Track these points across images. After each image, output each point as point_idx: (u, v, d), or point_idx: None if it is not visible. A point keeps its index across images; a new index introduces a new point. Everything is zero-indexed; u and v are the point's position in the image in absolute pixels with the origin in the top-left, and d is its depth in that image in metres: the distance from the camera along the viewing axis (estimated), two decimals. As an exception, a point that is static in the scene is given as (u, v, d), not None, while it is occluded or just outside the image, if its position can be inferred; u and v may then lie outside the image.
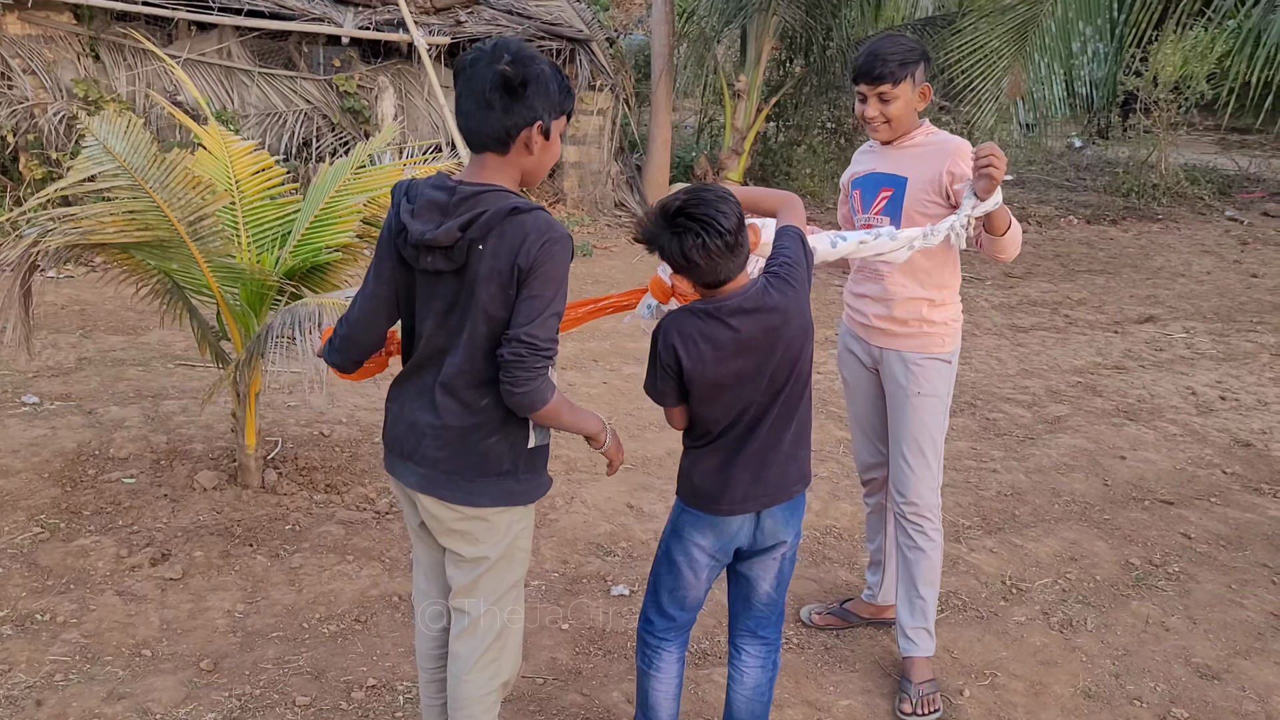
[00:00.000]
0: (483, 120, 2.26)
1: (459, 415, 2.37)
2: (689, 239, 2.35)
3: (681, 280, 2.51)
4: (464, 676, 2.58)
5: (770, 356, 2.49)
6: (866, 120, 3.21)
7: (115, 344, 6.39)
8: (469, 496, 2.42)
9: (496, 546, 2.47)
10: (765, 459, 2.56)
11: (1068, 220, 12.10)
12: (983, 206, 2.97)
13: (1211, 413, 6.24)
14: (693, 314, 2.47)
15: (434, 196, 2.30)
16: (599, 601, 3.86)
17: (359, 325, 2.51)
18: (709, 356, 2.44)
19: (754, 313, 2.45)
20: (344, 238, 4.27)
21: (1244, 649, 3.77)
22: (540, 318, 2.23)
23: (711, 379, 2.46)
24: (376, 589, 3.87)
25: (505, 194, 2.27)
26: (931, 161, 3.15)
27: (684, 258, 2.37)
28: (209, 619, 3.62)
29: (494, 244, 2.23)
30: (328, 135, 9.55)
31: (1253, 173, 15.45)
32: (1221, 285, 9.45)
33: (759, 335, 2.46)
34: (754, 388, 2.49)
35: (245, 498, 4.44)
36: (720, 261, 2.38)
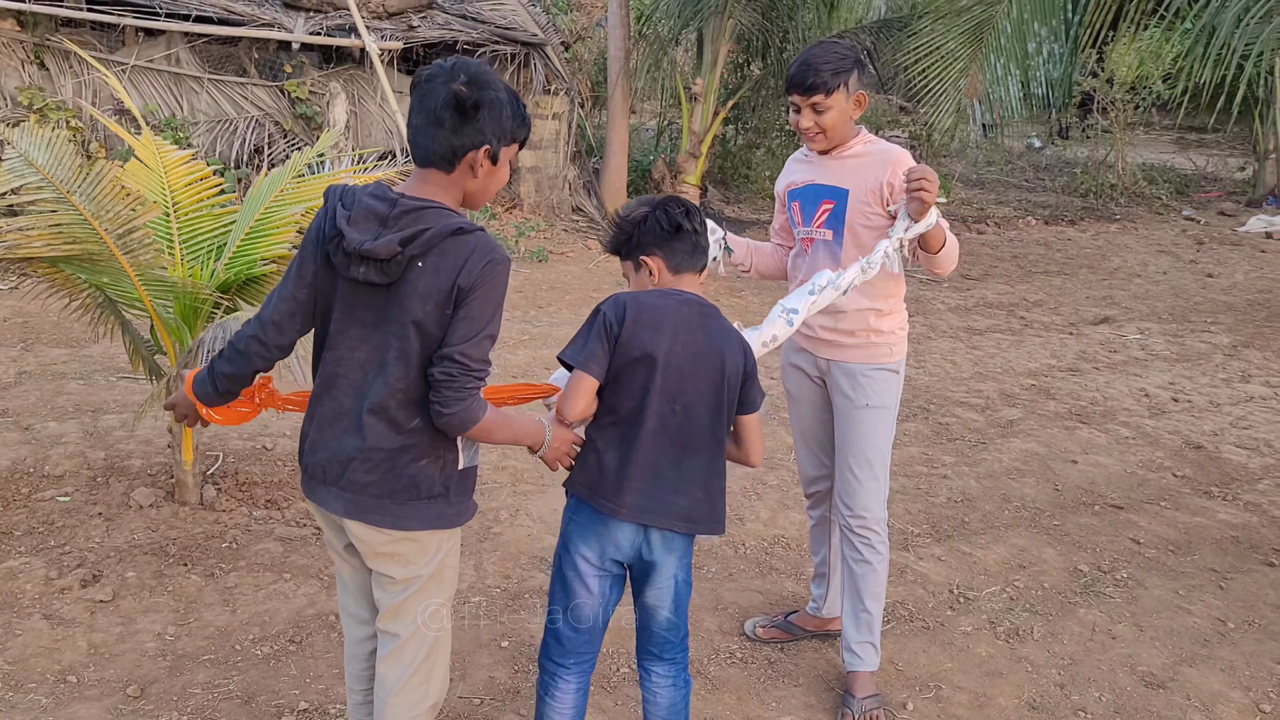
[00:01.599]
0: (430, 136, 2.24)
1: (387, 437, 2.31)
2: (674, 206, 2.56)
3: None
4: (390, 700, 2.51)
5: (704, 360, 2.51)
6: (801, 131, 3.15)
7: (57, 357, 6.26)
8: (399, 520, 2.36)
9: (426, 566, 2.42)
10: (658, 470, 2.51)
11: (1026, 221, 12.15)
12: (916, 228, 2.95)
13: (1164, 415, 6.26)
14: (650, 292, 2.56)
15: (373, 206, 2.25)
16: (540, 618, 3.79)
17: (270, 326, 2.39)
18: (647, 323, 2.47)
19: (702, 316, 2.54)
20: (280, 249, 4.18)
21: (1190, 656, 3.76)
22: (475, 338, 2.21)
23: (639, 349, 2.46)
24: (313, 608, 3.78)
25: (448, 213, 2.24)
26: (871, 172, 3.11)
27: (671, 225, 2.53)
28: (138, 642, 3.53)
29: (435, 261, 2.19)
30: (280, 142, 9.44)
31: (1209, 172, 15.61)
32: (1177, 285, 9.51)
33: (695, 336, 2.51)
34: (667, 381, 2.48)
35: (182, 515, 4.34)
36: (698, 237, 2.57)
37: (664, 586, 2.62)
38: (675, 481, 2.53)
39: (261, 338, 2.42)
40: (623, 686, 3.44)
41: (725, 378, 2.53)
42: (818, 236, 3.22)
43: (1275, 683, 3.62)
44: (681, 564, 2.62)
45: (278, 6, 9.47)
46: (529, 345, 6.96)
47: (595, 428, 2.56)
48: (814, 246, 3.25)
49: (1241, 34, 7.05)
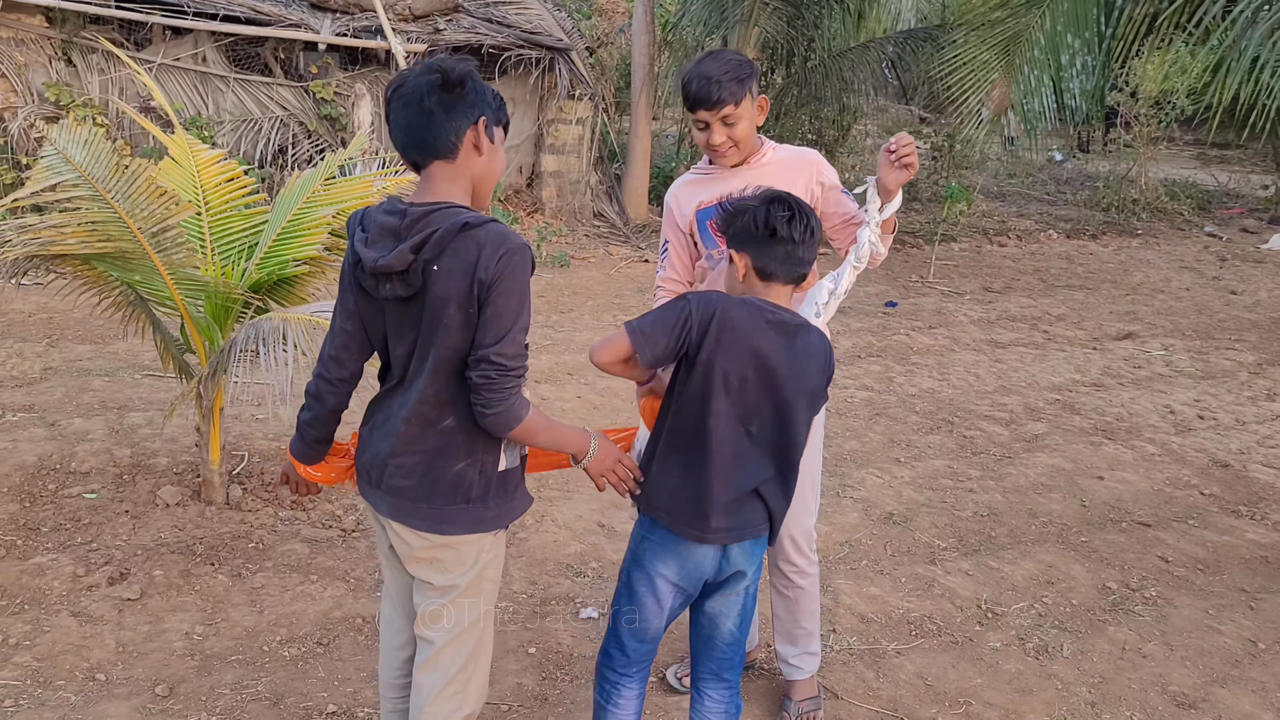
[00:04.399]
0: (425, 129, 2.20)
1: (420, 440, 2.31)
2: (778, 208, 2.39)
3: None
4: (426, 708, 2.50)
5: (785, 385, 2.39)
6: (713, 148, 2.97)
7: (82, 353, 6.27)
8: (437, 524, 2.35)
9: (465, 576, 2.40)
10: (739, 490, 2.42)
11: (1047, 234, 12.10)
12: (890, 207, 2.81)
13: (1190, 432, 6.21)
14: (742, 300, 2.40)
15: (386, 222, 2.24)
16: (567, 625, 3.78)
17: (330, 362, 2.45)
18: (729, 345, 2.33)
19: (787, 338, 2.39)
20: (311, 250, 4.18)
21: (1221, 677, 3.72)
22: (508, 335, 2.17)
23: (716, 371, 2.33)
24: (340, 610, 3.78)
25: (456, 210, 2.20)
26: (792, 176, 2.99)
27: (767, 225, 2.38)
28: (166, 641, 3.53)
29: (449, 263, 2.16)
30: (304, 142, 9.45)
31: (1231, 189, 15.52)
32: (1200, 302, 9.45)
33: (777, 361, 2.37)
34: (741, 406, 2.37)
35: (209, 514, 4.34)
36: (795, 247, 2.40)
37: (735, 597, 2.56)
38: (751, 495, 2.45)
39: (325, 375, 2.47)
40: (651, 697, 3.41)
41: (805, 400, 2.43)
42: None
43: (1308, 706, 3.58)
44: (755, 574, 2.57)
45: (304, 7, 9.50)
46: (551, 350, 6.95)
47: (669, 448, 2.45)
48: None
49: (1272, 51, 7.01)
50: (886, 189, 2.79)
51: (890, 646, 3.78)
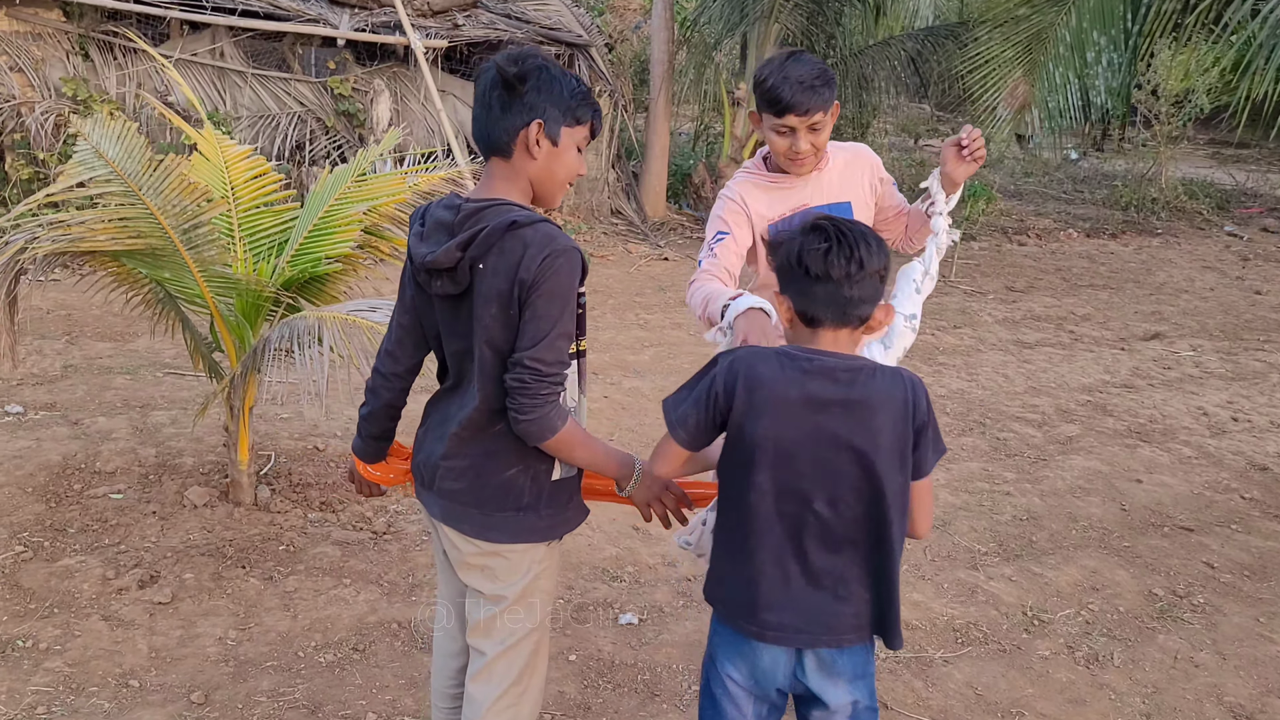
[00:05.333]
0: (484, 123, 2.18)
1: (473, 444, 2.25)
2: (813, 240, 2.01)
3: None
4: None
5: (848, 453, 2.02)
6: (796, 155, 2.81)
7: (102, 350, 6.20)
8: (485, 531, 2.29)
9: (514, 586, 2.32)
10: (790, 577, 2.08)
11: (1067, 234, 12.00)
12: (955, 198, 2.82)
13: (1225, 434, 6.12)
14: (775, 353, 2.06)
15: (442, 217, 2.20)
16: (607, 631, 3.70)
17: (385, 356, 2.44)
18: (759, 406, 2.01)
19: (845, 385, 2.01)
20: (344, 248, 4.10)
21: (1276, 687, 3.64)
22: (546, 339, 2.09)
23: (746, 439, 2.03)
24: (375, 615, 3.70)
25: (509, 207, 2.14)
26: (856, 176, 2.97)
27: (800, 262, 2.01)
28: (200, 646, 3.45)
29: (494, 261, 2.10)
30: (321, 138, 9.37)
31: (1249, 188, 15.41)
32: (1226, 302, 9.35)
33: (827, 417, 2.00)
34: (785, 476, 2.03)
35: (237, 516, 4.27)
36: (838, 286, 1.99)
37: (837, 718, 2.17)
38: (821, 588, 2.08)
39: (380, 369, 2.45)
40: (695, 706, 3.33)
41: (887, 458, 2.02)
42: None
43: (1367, 717, 3.49)
44: (855, 687, 2.14)
45: (323, 3, 9.42)
46: (575, 349, 6.87)
47: (720, 527, 2.17)
48: None
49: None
50: (953, 181, 2.75)
51: (937, 655, 3.70)
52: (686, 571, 2.38)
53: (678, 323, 7.72)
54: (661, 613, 3.85)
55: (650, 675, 3.48)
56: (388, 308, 3.80)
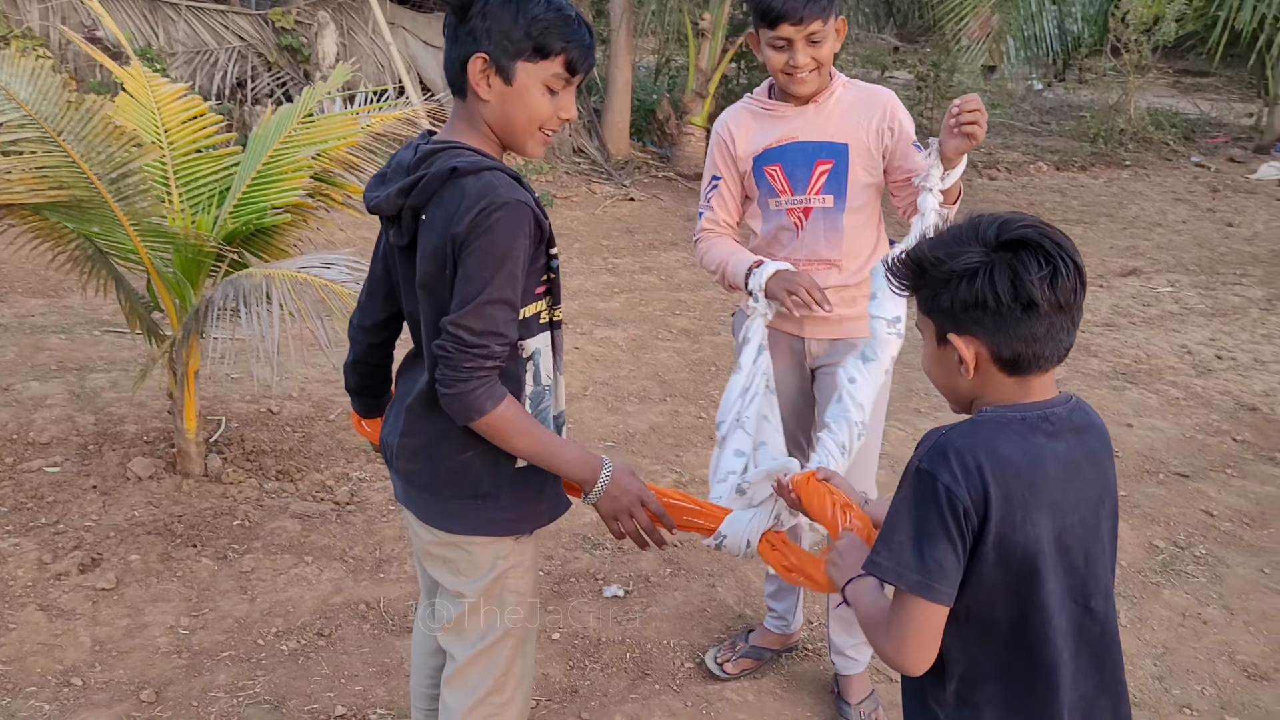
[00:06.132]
0: (445, 57, 1.93)
1: (425, 422, 1.97)
2: (1031, 262, 1.44)
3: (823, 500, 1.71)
4: None
5: (1102, 516, 1.57)
6: (791, 71, 2.54)
7: (34, 308, 5.81)
8: (441, 519, 2.02)
9: (476, 584, 2.04)
10: (1103, 705, 1.58)
11: (1036, 167, 11.79)
12: (952, 175, 2.44)
13: (1210, 374, 5.97)
14: (999, 423, 1.50)
15: (403, 158, 1.94)
16: (591, 605, 3.46)
17: (358, 308, 2.23)
18: (1034, 495, 1.47)
19: (1079, 434, 1.55)
20: (292, 196, 3.77)
21: (1290, 643, 3.49)
22: (473, 305, 1.78)
23: (1022, 545, 1.47)
24: (340, 595, 3.43)
25: (458, 151, 1.84)
26: (866, 118, 2.64)
27: (1018, 297, 1.44)
28: (149, 637, 3.17)
29: (434, 212, 1.83)
30: (264, 75, 8.91)
31: (1214, 117, 15.29)
32: (1199, 235, 9.21)
33: (1084, 477, 1.54)
34: (1072, 577, 1.53)
35: (186, 488, 3.97)
36: (1067, 319, 1.49)
37: None
38: (1113, 711, 1.61)
39: (354, 319, 2.23)
40: (690, 685, 3.13)
41: (1111, 499, 1.60)
42: (816, 205, 2.67)
43: (1384, 674, 3.36)
44: None
45: (260, -70, 8.90)
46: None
47: (972, 693, 1.55)
48: (811, 218, 2.69)
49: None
50: (946, 156, 2.40)
51: (938, 620, 3.50)
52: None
53: (648, 267, 7.43)
54: (648, 583, 3.62)
55: (640, 653, 3.25)
56: (344, 263, 3.49)
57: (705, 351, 5.84)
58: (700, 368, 5.62)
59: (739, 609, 3.51)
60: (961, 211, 2.30)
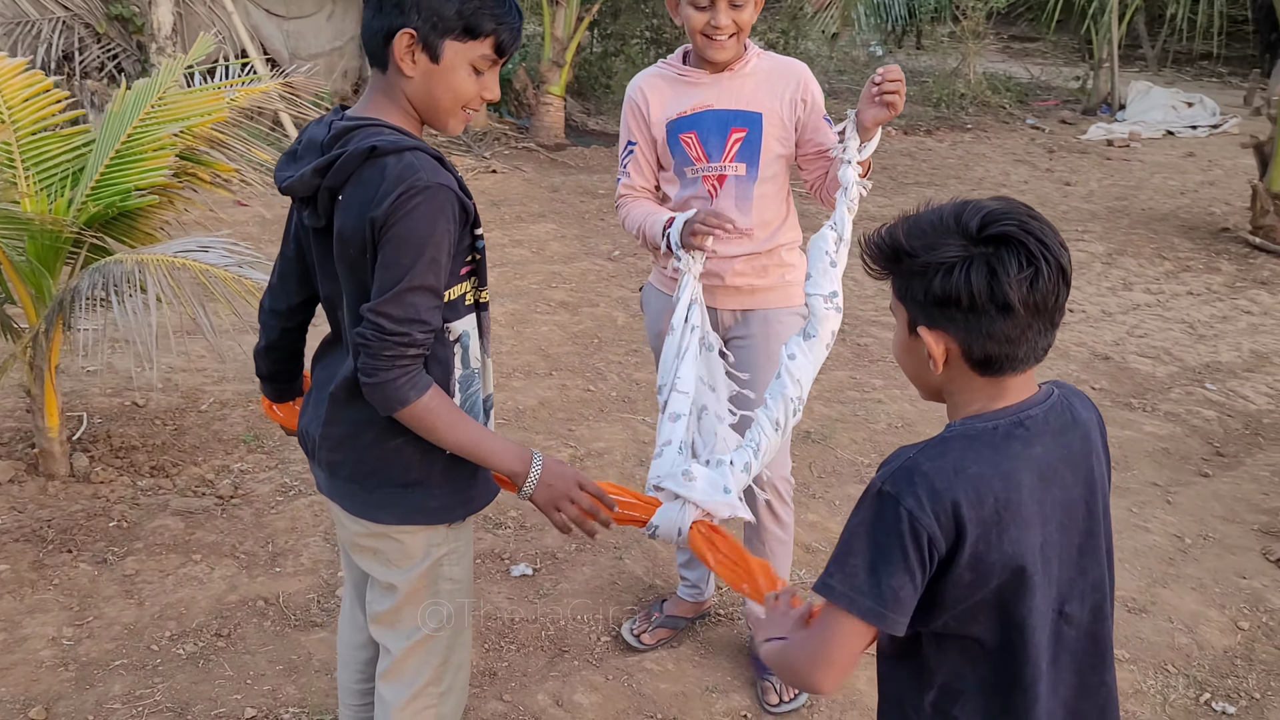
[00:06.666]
0: (365, 23, 1.84)
1: (349, 410, 1.89)
2: (1013, 264, 1.35)
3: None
4: None
5: (1089, 521, 1.50)
6: (711, 32, 2.54)
7: None
8: (369, 509, 1.95)
9: (409, 573, 1.98)
10: (1086, 711, 1.54)
11: (886, 131, 12.12)
12: (869, 147, 2.43)
13: (1065, 326, 6.23)
14: (968, 440, 1.42)
15: (315, 135, 1.85)
16: (500, 586, 3.41)
17: (270, 292, 2.12)
18: (1009, 512, 1.39)
19: (1063, 432, 1.47)
20: (156, 177, 3.55)
21: (1161, 577, 3.70)
22: (393, 292, 1.73)
23: (1001, 565, 1.40)
24: (235, 593, 3.29)
25: (378, 129, 1.78)
26: (780, 89, 2.64)
27: (991, 298, 1.36)
28: (30, 651, 2.97)
29: (351, 193, 1.76)
30: (93, 47, 8.39)
31: (1043, 81, 16.00)
32: (1041, 194, 9.64)
33: (1071, 473, 1.48)
34: (1052, 585, 1.46)
35: (52, 490, 3.73)
36: (1045, 321, 1.41)
37: None
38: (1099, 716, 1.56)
39: (264, 302, 2.13)
40: (608, 658, 3.12)
41: (1106, 502, 1.54)
42: (730, 173, 2.68)
43: (1245, 598, 3.60)
44: None
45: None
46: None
47: (937, 710, 1.50)
48: (725, 186, 2.70)
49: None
50: (863, 126, 2.40)
51: (841, 577, 3.58)
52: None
53: (517, 240, 7.33)
54: (555, 559, 3.58)
55: (555, 630, 3.22)
56: (222, 246, 3.32)
57: (586, 324, 5.80)
58: (583, 340, 5.58)
59: (649, 579, 3.51)
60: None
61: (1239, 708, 3.07)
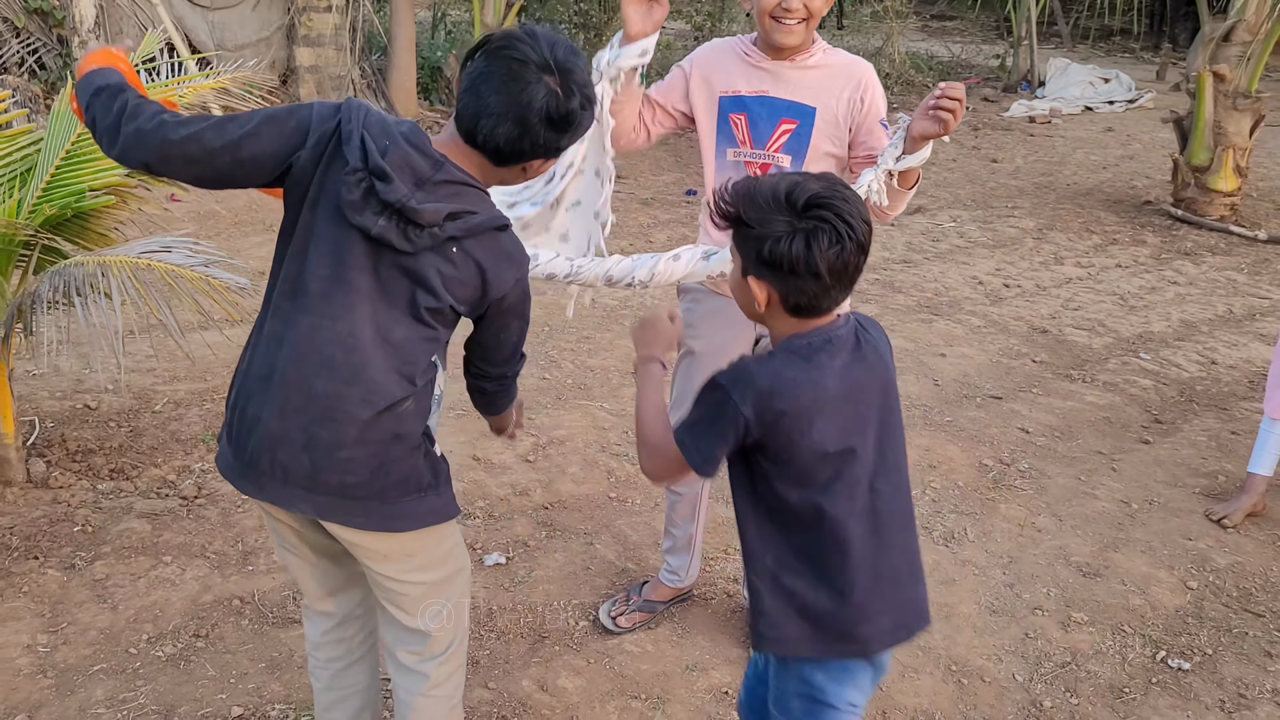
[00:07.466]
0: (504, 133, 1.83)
1: (373, 429, 1.94)
2: (824, 239, 1.69)
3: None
4: None
5: (885, 414, 1.87)
6: (781, 15, 2.54)
7: None
8: (390, 521, 2.05)
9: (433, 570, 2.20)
10: (909, 563, 1.93)
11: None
12: (909, 160, 2.41)
13: (1002, 301, 6.45)
14: (789, 354, 1.79)
15: (413, 159, 1.84)
16: (475, 575, 3.44)
17: (172, 124, 1.87)
18: (816, 409, 1.76)
19: (861, 346, 1.84)
20: (112, 176, 3.49)
21: (1111, 541, 3.86)
22: (514, 353, 2.15)
23: (815, 443, 1.78)
24: (209, 593, 3.28)
25: (486, 198, 1.93)
26: (840, 88, 2.65)
27: (806, 266, 1.70)
28: (5, 660, 2.94)
29: (470, 247, 1.88)
30: (12, 42, 8.15)
31: (963, 59, 16.30)
32: (970, 172, 9.86)
33: (870, 379, 1.85)
34: (867, 458, 1.84)
35: (10, 497, 3.67)
36: (845, 283, 1.76)
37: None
38: (913, 569, 1.95)
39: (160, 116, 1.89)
40: (588, 642, 3.17)
41: (893, 395, 1.90)
42: (772, 162, 2.71)
43: (1192, 560, 3.77)
44: None
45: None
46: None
47: (784, 565, 1.86)
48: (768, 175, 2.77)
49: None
50: (913, 138, 2.39)
51: (808, 553, 3.69)
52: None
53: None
54: (527, 548, 3.62)
55: (533, 617, 3.27)
56: (184, 246, 3.29)
57: (535, 312, 5.78)
58: (534, 328, 5.58)
59: (620, 564, 3.57)
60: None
61: (1194, 663, 3.23)
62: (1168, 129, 9.06)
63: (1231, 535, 3.93)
